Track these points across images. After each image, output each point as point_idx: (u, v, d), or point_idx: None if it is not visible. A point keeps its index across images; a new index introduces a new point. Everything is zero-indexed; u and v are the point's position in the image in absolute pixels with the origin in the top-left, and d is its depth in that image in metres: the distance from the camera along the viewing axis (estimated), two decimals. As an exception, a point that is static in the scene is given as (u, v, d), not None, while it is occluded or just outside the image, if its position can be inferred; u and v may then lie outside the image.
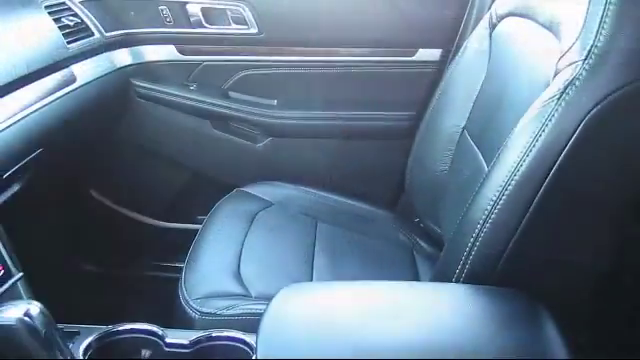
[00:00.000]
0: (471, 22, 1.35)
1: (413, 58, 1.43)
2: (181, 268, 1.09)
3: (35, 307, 0.65)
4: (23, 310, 0.64)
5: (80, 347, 0.79)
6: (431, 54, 1.42)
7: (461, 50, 1.24)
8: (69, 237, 1.52)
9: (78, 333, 0.81)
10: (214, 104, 1.48)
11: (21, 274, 0.80)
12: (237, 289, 1.01)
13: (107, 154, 1.51)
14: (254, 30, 1.45)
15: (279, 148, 1.51)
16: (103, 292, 1.48)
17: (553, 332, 0.69)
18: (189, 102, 1.48)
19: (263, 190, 1.35)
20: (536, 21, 0.96)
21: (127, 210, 1.60)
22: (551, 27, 0.88)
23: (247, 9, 1.42)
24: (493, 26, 1.15)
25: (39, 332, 0.63)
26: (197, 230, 1.23)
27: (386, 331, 0.68)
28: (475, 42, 1.20)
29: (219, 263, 1.07)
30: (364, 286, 0.82)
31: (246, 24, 1.44)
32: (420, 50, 1.42)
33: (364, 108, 1.47)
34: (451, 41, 1.39)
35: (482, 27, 1.20)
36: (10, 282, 0.78)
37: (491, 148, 0.94)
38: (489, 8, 1.20)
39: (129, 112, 1.48)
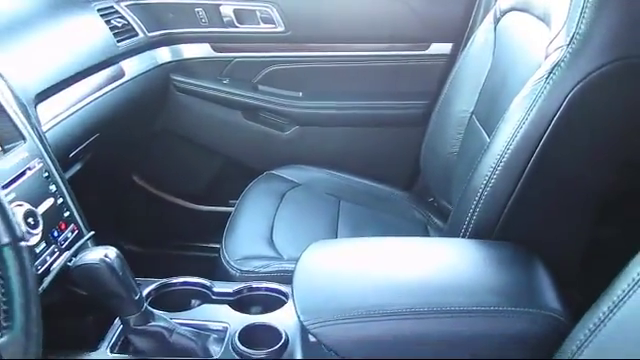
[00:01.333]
0: (479, 18, 1.47)
1: (426, 52, 1.56)
2: (215, 248, 1.22)
3: (112, 251, 0.79)
4: (103, 253, 0.78)
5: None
6: (443, 48, 1.55)
7: (469, 43, 1.36)
8: (112, 219, 1.67)
9: (139, 285, 0.95)
10: (245, 96, 1.63)
11: (92, 232, 0.95)
12: (271, 253, 1.15)
13: (148, 142, 1.67)
14: (281, 29, 1.59)
15: (304, 136, 1.64)
16: (143, 272, 1.62)
17: (543, 274, 0.82)
18: (222, 95, 1.63)
19: (291, 173, 1.48)
20: (533, 14, 1.08)
21: (165, 194, 1.74)
22: (544, 19, 1.01)
23: (275, 10, 1.57)
24: (497, 20, 1.27)
25: (117, 271, 0.78)
26: (229, 213, 1.34)
27: (401, 272, 0.81)
28: (481, 35, 1.32)
29: (254, 231, 1.21)
30: (382, 240, 0.95)
31: (274, 23, 1.59)
32: (433, 44, 1.56)
33: (382, 98, 1.61)
34: (461, 35, 1.51)
35: (488, 22, 1.32)
36: (83, 240, 0.93)
37: (495, 127, 1.06)
38: (494, 4, 1.32)
39: (168, 104, 1.64)
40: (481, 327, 0.74)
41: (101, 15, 1.41)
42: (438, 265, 0.84)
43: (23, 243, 0.56)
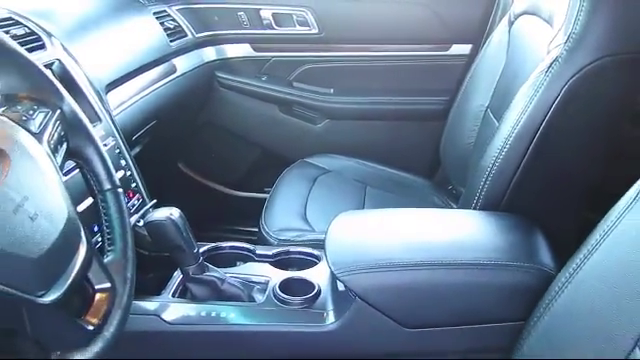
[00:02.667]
0: (496, 21, 1.60)
1: (447, 52, 1.70)
2: (252, 232, 1.36)
3: (176, 211, 0.95)
4: (169, 212, 0.94)
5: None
6: (463, 49, 1.69)
7: (486, 44, 1.50)
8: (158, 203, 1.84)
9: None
10: (281, 92, 1.79)
11: (155, 201, 1.11)
12: (304, 226, 1.30)
13: (193, 133, 1.84)
14: (315, 31, 1.75)
15: (335, 128, 1.79)
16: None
17: (541, 240, 0.95)
18: (261, 90, 1.80)
19: (322, 161, 1.63)
20: (541, 17, 1.21)
21: (207, 181, 1.91)
22: (549, 20, 1.14)
23: (309, 13, 1.73)
24: (511, 23, 1.40)
25: (180, 227, 0.93)
26: (265, 199, 1.47)
27: (416, 233, 0.96)
28: (497, 37, 1.46)
29: (290, 208, 1.36)
30: (401, 210, 1.10)
31: (308, 26, 1.75)
32: (453, 45, 1.70)
33: (406, 94, 1.75)
34: (479, 37, 1.64)
35: (503, 24, 1.45)
36: (147, 206, 1.09)
37: (504, 117, 1.20)
38: (510, 8, 1.46)
39: (213, 98, 1.81)
40: (484, 278, 0.88)
41: (156, 17, 1.59)
42: (449, 229, 0.98)
43: (120, 190, 0.72)
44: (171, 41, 1.59)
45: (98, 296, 0.62)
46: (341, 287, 0.95)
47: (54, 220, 0.57)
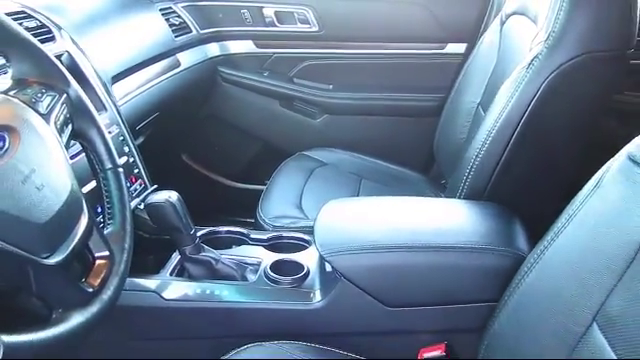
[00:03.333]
0: (490, 21, 1.65)
1: (443, 51, 1.75)
2: (251, 223, 1.42)
3: (174, 194, 1.01)
4: (168, 195, 1.00)
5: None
6: (457, 47, 1.74)
7: (478, 43, 1.55)
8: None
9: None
10: (282, 87, 1.85)
11: (155, 186, 1.18)
12: (299, 214, 1.36)
13: (197, 126, 1.90)
14: (315, 29, 1.81)
15: (333, 123, 1.85)
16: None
17: (518, 227, 1.00)
18: (262, 86, 1.86)
19: (319, 154, 1.68)
20: (528, 17, 1.26)
21: (209, 172, 1.98)
22: (535, 20, 1.19)
23: (310, 12, 1.79)
24: (502, 23, 1.45)
25: (177, 209, 0.99)
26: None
27: (400, 219, 1.01)
28: (489, 36, 1.51)
29: (286, 198, 1.42)
30: (387, 198, 1.16)
31: (309, 24, 1.80)
32: (449, 44, 1.75)
33: (402, 91, 1.80)
34: (474, 37, 1.68)
35: (495, 24, 1.50)
36: (148, 191, 1.16)
37: (492, 112, 1.25)
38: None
39: (215, 93, 1.87)
40: (462, 260, 0.93)
41: (162, 14, 1.65)
42: (431, 215, 1.04)
43: (120, 169, 0.78)
44: (176, 37, 1.65)
45: (97, 263, 0.68)
46: (328, 268, 1.00)
47: (58, 191, 0.63)
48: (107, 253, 0.69)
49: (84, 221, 0.66)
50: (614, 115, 1.46)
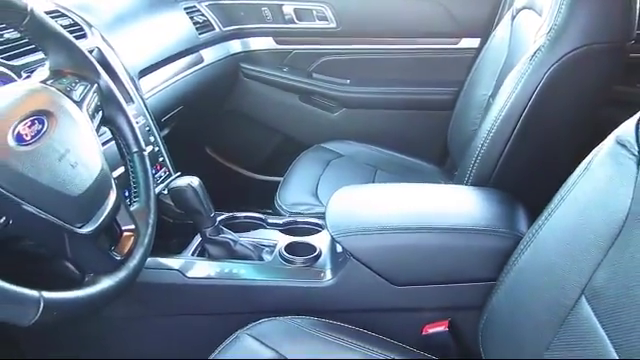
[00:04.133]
0: (503, 16, 1.70)
1: (457, 46, 1.80)
2: (270, 213, 1.48)
3: (196, 179, 1.08)
4: (189, 180, 1.07)
5: (213, 222, 1.22)
6: (471, 42, 1.78)
7: (490, 37, 1.59)
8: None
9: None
10: (301, 82, 1.92)
11: (179, 173, 1.25)
12: (314, 202, 1.42)
13: (219, 120, 1.98)
14: (333, 25, 1.87)
15: (350, 116, 1.91)
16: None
17: (520, 211, 1.05)
18: (282, 81, 1.93)
19: (336, 146, 1.74)
20: (535, 11, 1.31)
21: (232, 164, 2.06)
22: (540, 13, 1.24)
23: (328, 9, 1.85)
24: (513, 18, 1.49)
25: (198, 193, 1.07)
26: None
27: (406, 203, 1.07)
28: (501, 31, 1.55)
29: (303, 186, 1.49)
30: (396, 185, 1.22)
31: (327, 20, 1.87)
32: (463, 39, 1.79)
33: (418, 85, 1.84)
34: (487, 32, 1.73)
35: (506, 19, 1.54)
36: (172, 178, 1.23)
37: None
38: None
39: (237, 88, 1.95)
40: (465, 241, 0.98)
41: (186, 12, 1.73)
42: (437, 200, 1.09)
43: (145, 152, 0.86)
44: (200, 34, 1.73)
45: (124, 235, 0.75)
46: (339, 249, 1.07)
47: (90, 169, 0.71)
48: (133, 227, 0.77)
49: (112, 197, 0.73)
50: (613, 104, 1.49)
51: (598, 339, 0.68)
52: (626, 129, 0.77)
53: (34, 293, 0.58)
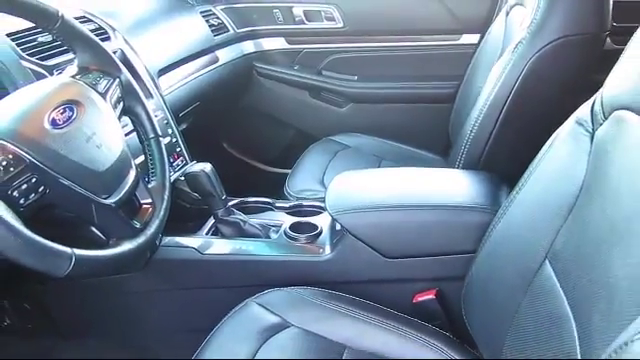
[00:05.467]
0: (500, 13, 1.78)
1: (457, 42, 1.89)
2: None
3: (208, 165, 1.20)
4: (203, 166, 1.19)
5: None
6: (471, 38, 1.86)
7: (487, 33, 1.68)
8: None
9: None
10: (311, 79, 2.03)
11: (195, 162, 1.37)
12: (321, 189, 1.53)
13: (235, 116, 2.10)
14: (341, 25, 1.97)
15: (358, 110, 2.01)
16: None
17: (504, 190, 1.14)
18: (293, 78, 2.04)
19: (343, 138, 1.84)
20: (524, 6, 1.40)
21: (247, 158, 2.18)
22: (527, 8, 1.33)
23: (336, 10, 1.95)
24: (507, 13, 1.59)
25: (211, 177, 1.19)
26: None
27: (399, 185, 1.17)
28: (496, 27, 1.63)
29: (310, 175, 1.60)
30: (391, 169, 1.32)
31: (335, 21, 1.97)
32: (463, 35, 1.88)
33: (421, 80, 1.93)
34: (486, 28, 1.82)
35: (502, 15, 1.63)
36: (188, 166, 1.35)
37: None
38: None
39: (251, 86, 2.07)
40: (452, 217, 1.07)
41: (203, 16, 1.86)
42: (427, 181, 1.19)
43: (161, 138, 0.98)
44: (215, 36, 1.85)
45: (143, 207, 0.88)
46: (338, 228, 1.17)
47: (113, 150, 0.83)
48: (150, 201, 0.89)
49: (132, 175, 0.86)
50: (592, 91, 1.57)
51: (557, 296, 0.76)
52: (584, 110, 0.86)
53: (67, 250, 0.71)
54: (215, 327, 1.03)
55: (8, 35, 1.08)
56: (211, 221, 1.29)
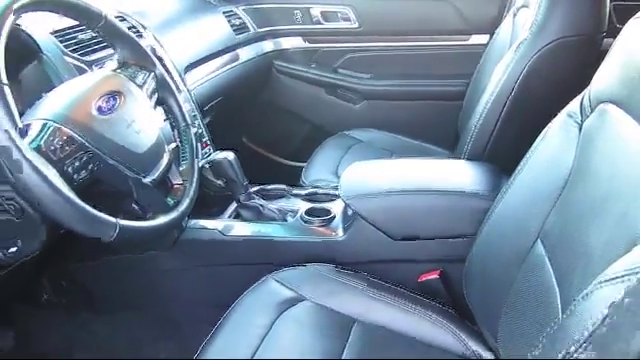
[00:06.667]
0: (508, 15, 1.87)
1: (467, 42, 1.97)
2: None
3: (231, 154, 1.31)
4: (226, 155, 1.30)
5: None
6: (481, 38, 1.95)
7: (495, 34, 1.77)
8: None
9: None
10: (327, 77, 2.13)
11: (219, 150, 1.48)
12: (334, 179, 1.63)
13: (254, 111, 2.21)
14: (356, 25, 2.06)
15: (371, 107, 2.10)
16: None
17: (503, 179, 1.22)
18: (311, 76, 2.14)
19: (357, 133, 1.92)
20: (529, 9, 1.48)
21: (266, 152, 2.28)
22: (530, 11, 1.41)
23: (351, 11, 2.05)
24: (514, 15, 1.67)
25: (233, 165, 1.29)
26: None
27: (407, 173, 1.27)
28: (504, 27, 1.71)
29: (325, 166, 1.69)
30: (401, 160, 1.41)
31: (350, 21, 2.06)
32: (473, 35, 1.97)
33: (432, 78, 2.02)
34: (495, 29, 1.90)
35: (510, 16, 1.71)
36: (213, 154, 1.46)
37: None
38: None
39: (270, 83, 2.17)
40: (452, 202, 1.16)
41: (225, 16, 1.97)
42: (435, 170, 1.29)
43: (190, 126, 1.09)
44: (236, 35, 1.96)
45: (175, 187, 0.98)
46: (350, 212, 1.27)
47: (149, 136, 0.94)
48: (181, 182, 0.99)
49: (166, 158, 0.96)
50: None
51: (546, 270, 0.84)
52: (574, 104, 0.95)
53: (113, 219, 0.81)
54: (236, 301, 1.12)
55: (52, 33, 1.19)
56: (232, 206, 1.39)
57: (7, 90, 0.75)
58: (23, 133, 0.77)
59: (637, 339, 0.47)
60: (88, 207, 0.78)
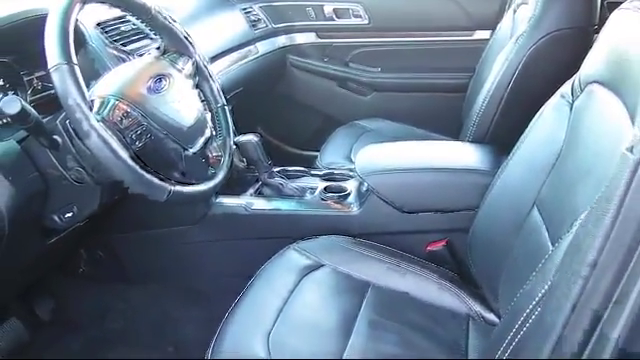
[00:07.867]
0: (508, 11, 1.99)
1: (471, 37, 2.09)
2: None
3: (257, 136, 1.43)
4: (251, 137, 1.42)
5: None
6: (484, 34, 2.05)
7: (497, 29, 1.89)
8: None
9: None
10: (339, 71, 2.24)
11: (241, 135, 1.60)
12: (348, 162, 1.75)
13: (269, 104, 2.33)
14: (366, 21, 2.18)
15: (380, 98, 2.21)
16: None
17: (503, 158, 1.34)
18: (323, 70, 2.26)
19: (367, 122, 2.04)
20: (528, 5, 1.60)
21: (280, 142, 2.40)
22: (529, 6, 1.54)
23: (362, 8, 2.16)
24: (515, 11, 1.79)
25: (257, 146, 1.41)
26: None
27: (417, 153, 1.39)
28: (506, 23, 1.83)
29: (338, 151, 1.82)
30: (410, 142, 1.54)
31: (361, 18, 2.18)
32: (477, 31, 2.08)
33: (438, 71, 2.13)
34: (497, 24, 2.02)
35: (510, 12, 1.83)
36: (236, 138, 1.59)
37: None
38: None
39: (285, 76, 2.29)
40: (457, 178, 1.30)
41: (243, 13, 2.09)
42: (441, 150, 1.41)
43: (225, 106, 1.21)
44: (254, 30, 2.08)
45: (213, 159, 1.11)
46: (364, 189, 1.39)
47: (193, 113, 1.07)
48: (219, 154, 1.12)
49: (207, 132, 1.09)
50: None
51: (541, 233, 0.95)
52: (566, 86, 1.07)
53: (166, 184, 0.94)
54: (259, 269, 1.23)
55: (97, 25, 1.32)
56: (255, 185, 1.52)
57: (77, 70, 0.88)
58: (90, 107, 0.90)
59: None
60: (146, 172, 0.91)
